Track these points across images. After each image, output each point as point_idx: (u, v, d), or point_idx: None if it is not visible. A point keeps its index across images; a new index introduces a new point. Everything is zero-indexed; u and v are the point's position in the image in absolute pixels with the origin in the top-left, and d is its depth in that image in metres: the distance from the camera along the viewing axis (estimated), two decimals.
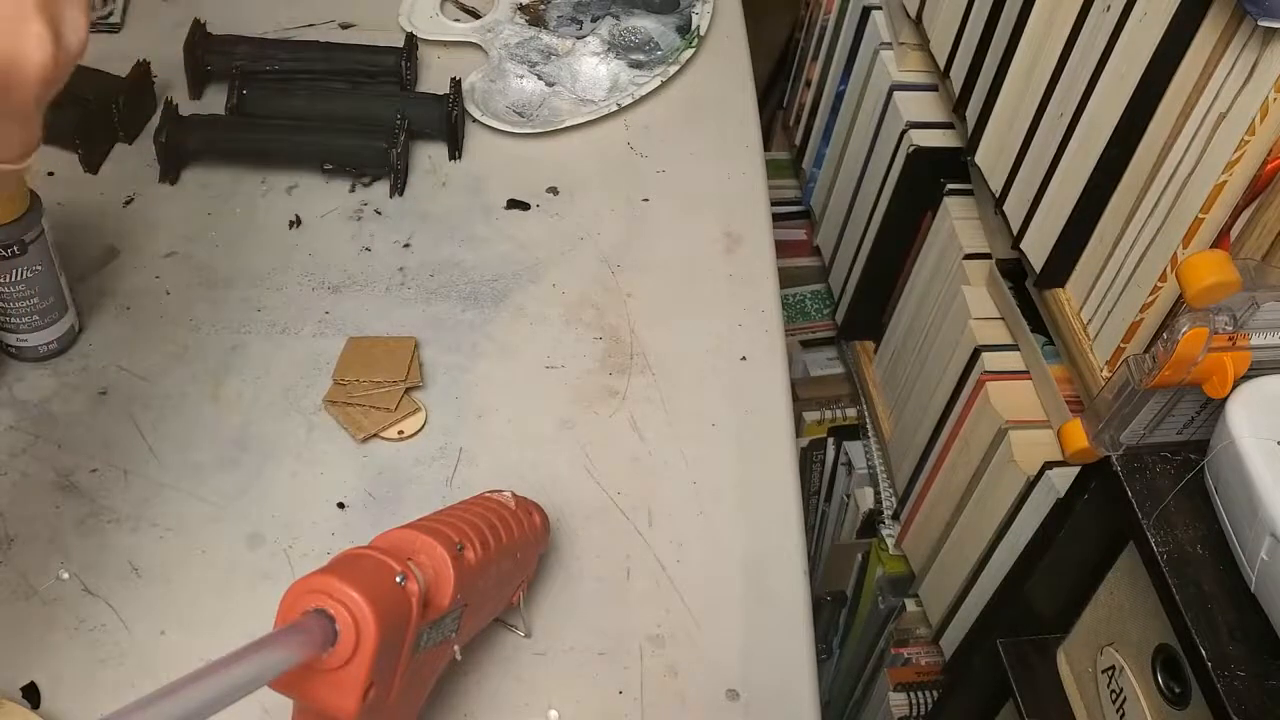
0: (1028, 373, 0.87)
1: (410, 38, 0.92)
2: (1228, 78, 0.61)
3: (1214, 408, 0.69)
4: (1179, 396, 0.70)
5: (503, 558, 0.57)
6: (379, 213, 0.84)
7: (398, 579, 0.47)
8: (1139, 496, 0.72)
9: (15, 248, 0.67)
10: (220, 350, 0.75)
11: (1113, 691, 0.80)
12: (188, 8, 0.93)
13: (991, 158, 0.85)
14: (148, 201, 0.83)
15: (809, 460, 1.29)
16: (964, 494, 0.92)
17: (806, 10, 1.31)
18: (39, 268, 0.69)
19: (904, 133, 1.00)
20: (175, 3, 0.96)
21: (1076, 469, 0.78)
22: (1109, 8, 0.70)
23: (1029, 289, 0.84)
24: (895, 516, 1.09)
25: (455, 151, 0.88)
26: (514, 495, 0.62)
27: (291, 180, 0.85)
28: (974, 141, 0.87)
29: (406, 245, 0.82)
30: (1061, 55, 0.75)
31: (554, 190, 0.87)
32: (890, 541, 1.10)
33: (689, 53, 0.96)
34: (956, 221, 0.96)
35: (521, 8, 0.97)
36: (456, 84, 0.90)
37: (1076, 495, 0.78)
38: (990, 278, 0.92)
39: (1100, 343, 0.74)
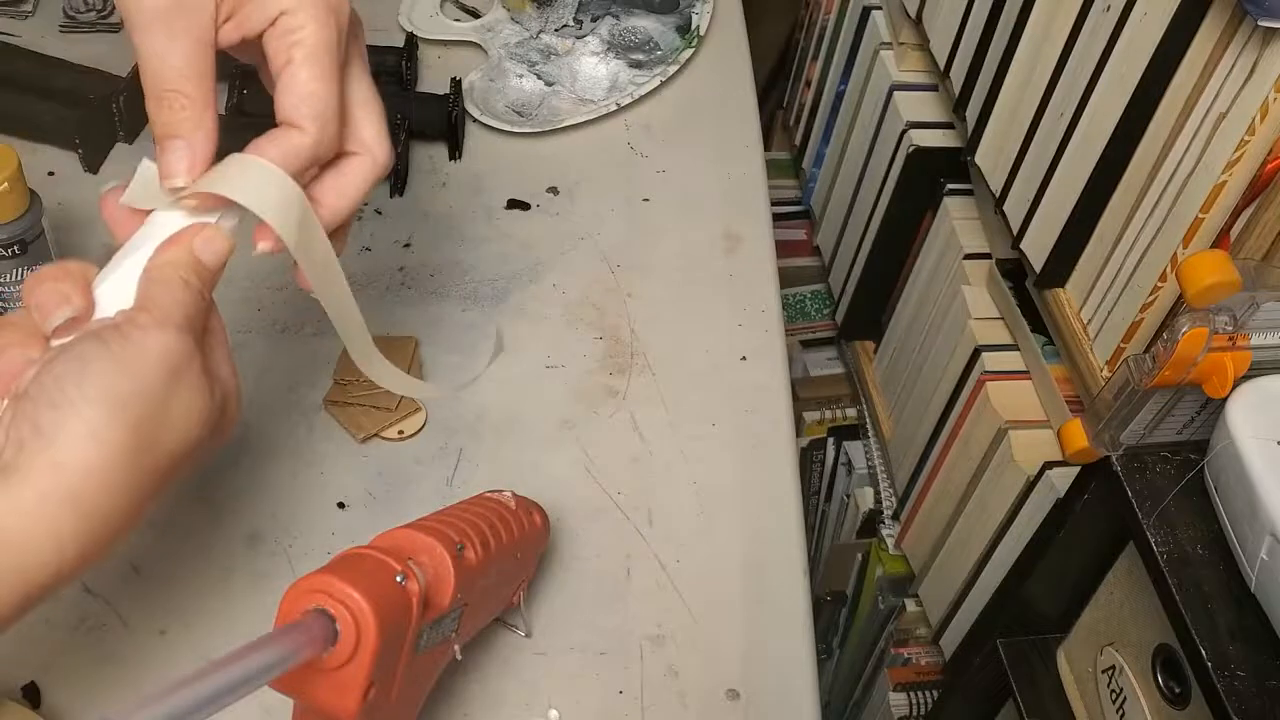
0: (1028, 373, 0.87)
1: (410, 37, 0.92)
2: (1228, 78, 0.61)
3: (1214, 408, 0.69)
4: (1179, 396, 0.70)
5: (503, 558, 0.57)
6: (379, 213, 0.84)
7: (398, 579, 0.47)
8: (1139, 496, 0.72)
9: (15, 247, 0.67)
10: None
11: (1113, 691, 0.80)
12: None
13: (991, 158, 0.85)
14: None
15: (809, 460, 1.29)
16: (964, 494, 0.92)
17: (806, 10, 1.31)
18: (39, 267, 0.68)
19: (904, 133, 1.00)
20: None
21: (1076, 469, 0.78)
22: (1109, 8, 0.70)
23: (1029, 289, 0.84)
24: (895, 516, 1.09)
25: (455, 151, 0.88)
26: (514, 495, 0.62)
27: None
28: (974, 141, 0.87)
29: (406, 245, 0.82)
30: (1061, 55, 0.75)
31: (554, 190, 0.87)
32: (890, 541, 1.10)
33: (689, 52, 0.96)
34: (956, 221, 0.96)
35: None
36: (457, 84, 0.89)
37: (1076, 495, 0.78)
38: (990, 278, 0.92)
39: (1100, 343, 0.74)
